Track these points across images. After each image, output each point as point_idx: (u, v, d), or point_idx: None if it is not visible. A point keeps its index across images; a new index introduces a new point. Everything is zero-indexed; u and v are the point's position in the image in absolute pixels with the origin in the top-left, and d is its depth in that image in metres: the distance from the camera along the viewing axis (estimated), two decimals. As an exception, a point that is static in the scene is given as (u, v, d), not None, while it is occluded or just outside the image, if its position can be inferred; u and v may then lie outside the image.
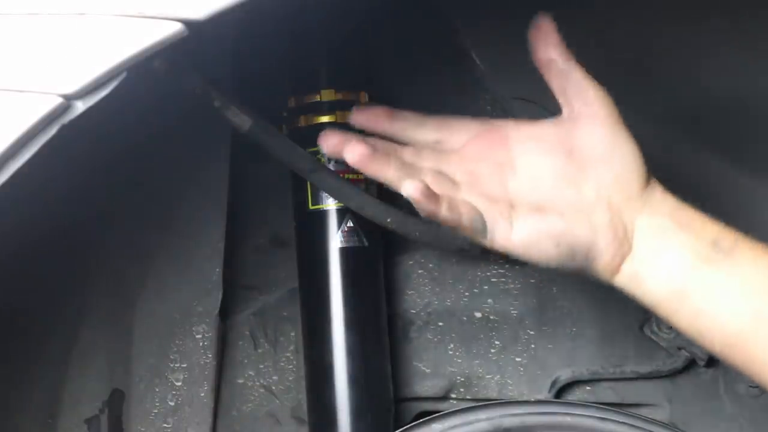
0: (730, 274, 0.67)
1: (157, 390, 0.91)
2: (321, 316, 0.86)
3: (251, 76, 0.87)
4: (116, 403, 0.91)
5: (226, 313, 0.94)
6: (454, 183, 0.72)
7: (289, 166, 0.84)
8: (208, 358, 0.91)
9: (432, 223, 0.84)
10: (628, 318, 0.91)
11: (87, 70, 0.51)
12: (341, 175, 0.84)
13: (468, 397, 0.94)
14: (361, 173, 0.72)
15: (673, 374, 0.91)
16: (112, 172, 0.83)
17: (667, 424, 0.82)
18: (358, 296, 0.86)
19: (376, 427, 0.86)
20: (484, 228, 0.69)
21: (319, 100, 0.85)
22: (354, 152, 0.71)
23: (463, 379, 0.94)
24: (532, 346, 0.93)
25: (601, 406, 0.80)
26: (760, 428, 0.90)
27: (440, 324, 0.95)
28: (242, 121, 0.77)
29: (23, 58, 0.52)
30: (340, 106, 0.85)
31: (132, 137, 0.80)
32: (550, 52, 0.69)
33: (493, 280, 0.94)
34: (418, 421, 0.79)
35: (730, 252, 0.67)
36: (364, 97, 0.87)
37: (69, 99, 0.51)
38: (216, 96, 0.77)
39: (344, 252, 0.85)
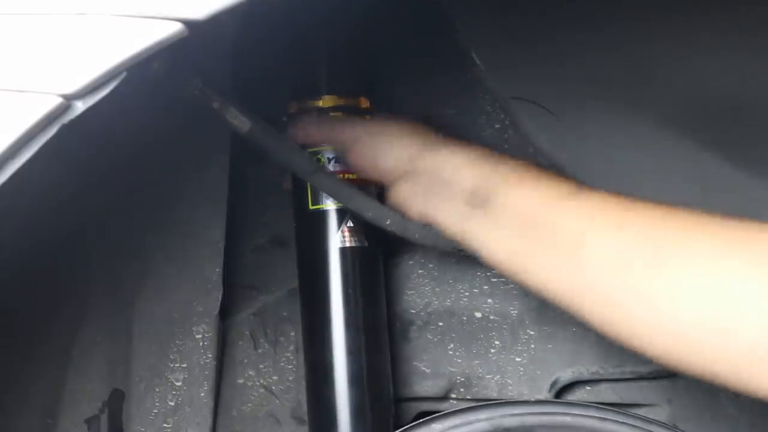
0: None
1: (157, 390, 0.91)
2: (321, 316, 0.86)
3: (251, 77, 0.87)
4: (116, 403, 0.91)
5: (226, 313, 0.94)
6: None
7: (288, 168, 0.84)
8: (208, 358, 0.91)
9: (432, 225, 0.84)
10: (628, 318, 0.91)
11: (87, 70, 0.51)
12: (341, 177, 0.84)
13: (468, 397, 0.94)
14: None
15: (673, 374, 0.91)
16: (111, 172, 0.83)
17: (667, 424, 0.82)
18: (358, 296, 0.86)
19: (376, 427, 0.86)
20: None
21: (320, 105, 0.85)
22: None
23: (463, 379, 0.94)
24: (532, 346, 0.93)
25: (601, 406, 0.80)
26: (760, 428, 0.90)
27: (440, 324, 0.94)
28: (241, 122, 0.77)
29: (23, 58, 0.51)
30: (341, 111, 0.85)
31: (131, 137, 0.80)
32: None
33: (493, 280, 0.94)
34: (418, 421, 0.79)
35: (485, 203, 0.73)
36: (365, 101, 0.87)
37: (69, 99, 0.51)
38: (215, 97, 0.77)
39: (344, 252, 0.85)
